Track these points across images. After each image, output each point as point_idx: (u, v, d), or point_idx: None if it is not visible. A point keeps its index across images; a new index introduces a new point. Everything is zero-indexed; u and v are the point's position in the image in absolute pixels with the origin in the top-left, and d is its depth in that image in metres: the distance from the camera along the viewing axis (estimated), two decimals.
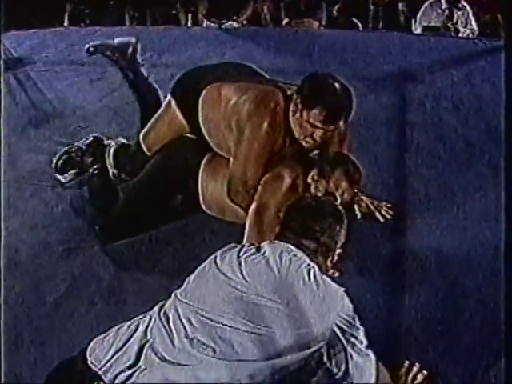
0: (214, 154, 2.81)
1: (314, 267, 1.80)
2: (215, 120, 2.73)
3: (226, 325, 1.67)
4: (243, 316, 1.67)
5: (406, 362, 2.16)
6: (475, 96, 3.95)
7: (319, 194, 2.59)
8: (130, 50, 3.23)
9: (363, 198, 2.84)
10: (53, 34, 4.92)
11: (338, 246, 1.95)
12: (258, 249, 1.84)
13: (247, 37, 4.79)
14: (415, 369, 2.14)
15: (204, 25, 5.74)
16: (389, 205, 2.88)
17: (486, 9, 5.97)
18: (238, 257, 1.80)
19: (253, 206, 2.58)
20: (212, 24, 5.38)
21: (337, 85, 2.56)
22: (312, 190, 2.61)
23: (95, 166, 2.97)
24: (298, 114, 2.57)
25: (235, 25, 5.28)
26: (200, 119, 2.77)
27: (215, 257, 1.85)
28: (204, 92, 2.75)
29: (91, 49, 3.29)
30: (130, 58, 3.24)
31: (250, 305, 1.69)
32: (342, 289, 1.79)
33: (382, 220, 2.84)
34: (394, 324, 2.44)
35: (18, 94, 4.00)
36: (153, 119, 2.95)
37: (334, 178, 2.61)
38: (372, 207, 2.85)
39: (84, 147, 3.05)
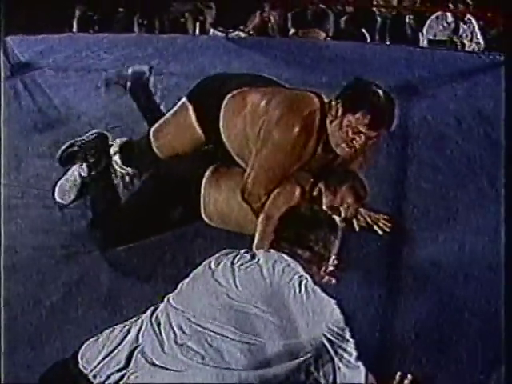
0: (218, 165, 2.81)
1: (306, 278, 1.80)
2: (238, 125, 2.68)
3: (216, 332, 1.69)
4: (233, 324, 1.69)
5: (398, 374, 2.16)
6: (477, 110, 3.96)
7: (324, 207, 2.61)
8: (144, 78, 3.25)
9: (361, 210, 2.85)
10: (61, 40, 4.99)
11: (332, 255, 1.96)
12: (253, 256, 1.86)
13: (253, 47, 4.83)
14: (406, 381, 2.14)
15: (211, 34, 5.79)
16: (387, 217, 2.89)
17: (492, 23, 5.99)
18: (232, 264, 1.82)
19: (261, 216, 2.60)
20: (219, 33, 5.42)
21: (381, 92, 2.53)
22: (317, 202, 2.63)
23: (97, 170, 2.97)
24: (337, 120, 2.53)
25: (242, 34, 5.31)
26: (221, 125, 2.73)
27: (210, 262, 1.87)
28: (227, 97, 2.72)
29: (105, 82, 3.39)
30: (142, 87, 3.25)
31: (241, 314, 1.70)
32: (334, 301, 1.79)
33: (380, 233, 2.85)
34: (388, 335, 2.44)
35: (24, 98, 4.05)
36: (164, 118, 2.93)
37: (341, 192, 2.63)
38: (369, 220, 2.86)
39: (88, 143, 3.01)
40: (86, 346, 1.77)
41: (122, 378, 1.66)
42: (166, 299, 1.83)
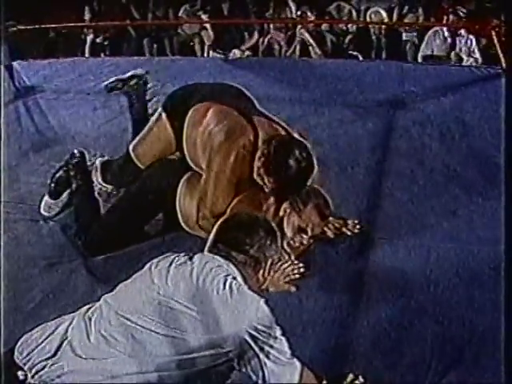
0: (193, 172, 2.95)
1: (234, 278, 1.88)
2: (194, 139, 2.88)
3: (142, 326, 1.78)
4: (159, 319, 1.78)
5: (350, 375, 2.23)
6: (462, 122, 4.02)
7: (292, 229, 2.71)
8: (142, 80, 3.49)
9: (330, 218, 2.93)
10: (66, 64, 5.20)
11: (270, 260, 2.02)
12: (190, 258, 1.95)
13: (248, 67, 4.98)
14: (357, 382, 2.20)
15: (210, 55, 5.96)
16: (356, 221, 2.96)
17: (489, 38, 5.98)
18: (170, 265, 1.91)
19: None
20: (217, 55, 5.59)
21: (299, 156, 2.67)
22: (284, 223, 2.71)
23: (78, 183, 3.11)
24: (262, 170, 2.73)
25: (238, 54, 5.46)
26: (184, 136, 2.92)
27: (151, 264, 1.97)
28: (192, 110, 2.90)
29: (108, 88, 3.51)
30: (139, 89, 3.48)
31: (167, 309, 1.79)
32: (262, 299, 1.85)
33: (348, 233, 2.91)
34: (345, 338, 2.50)
35: (25, 120, 4.27)
36: (144, 131, 3.10)
37: (306, 212, 2.72)
38: (338, 225, 2.93)
39: (67, 164, 3.16)
40: (21, 340, 1.88)
41: (46, 364, 1.76)
42: (103, 298, 1.94)
